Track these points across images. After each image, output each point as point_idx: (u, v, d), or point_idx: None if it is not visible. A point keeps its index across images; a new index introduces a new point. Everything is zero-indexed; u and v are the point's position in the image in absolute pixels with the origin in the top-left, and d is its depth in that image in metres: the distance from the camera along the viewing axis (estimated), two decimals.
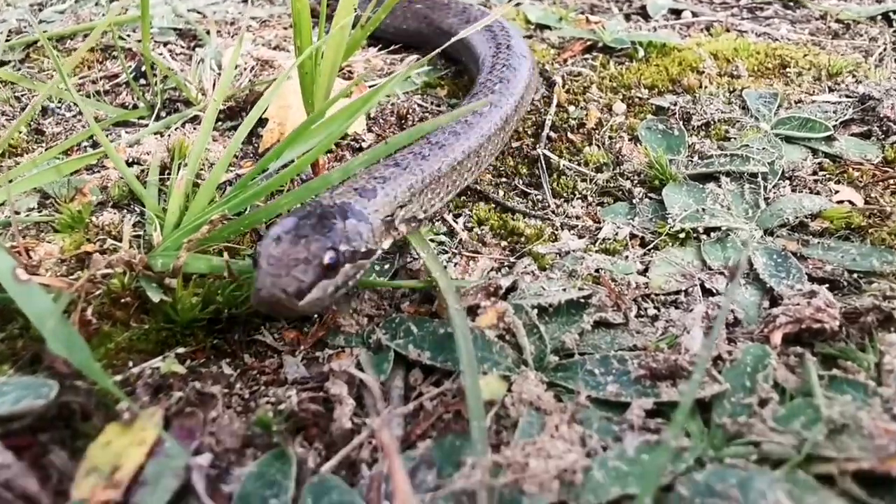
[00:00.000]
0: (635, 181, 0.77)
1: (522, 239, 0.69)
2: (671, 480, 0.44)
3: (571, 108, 0.92)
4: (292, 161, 0.70)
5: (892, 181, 0.75)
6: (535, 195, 0.77)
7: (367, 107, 0.68)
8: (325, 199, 0.60)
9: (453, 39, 0.74)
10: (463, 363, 0.48)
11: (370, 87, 1.00)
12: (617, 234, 0.69)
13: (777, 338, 0.55)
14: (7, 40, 1.21)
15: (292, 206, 0.62)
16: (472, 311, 0.57)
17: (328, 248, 0.53)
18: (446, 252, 0.68)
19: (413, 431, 0.50)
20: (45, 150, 0.87)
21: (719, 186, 0.74)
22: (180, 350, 0.56)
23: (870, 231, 0.67)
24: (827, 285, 0.60)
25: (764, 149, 0.79)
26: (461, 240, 0.70)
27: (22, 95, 1.04)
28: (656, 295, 0.62)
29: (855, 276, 0.62)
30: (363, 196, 0.61)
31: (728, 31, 1.21)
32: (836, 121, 0.85)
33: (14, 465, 0.44)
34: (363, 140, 0.88)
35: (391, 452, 0.33)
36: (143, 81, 1.06)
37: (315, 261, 0.53)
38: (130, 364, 0.55)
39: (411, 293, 0.62)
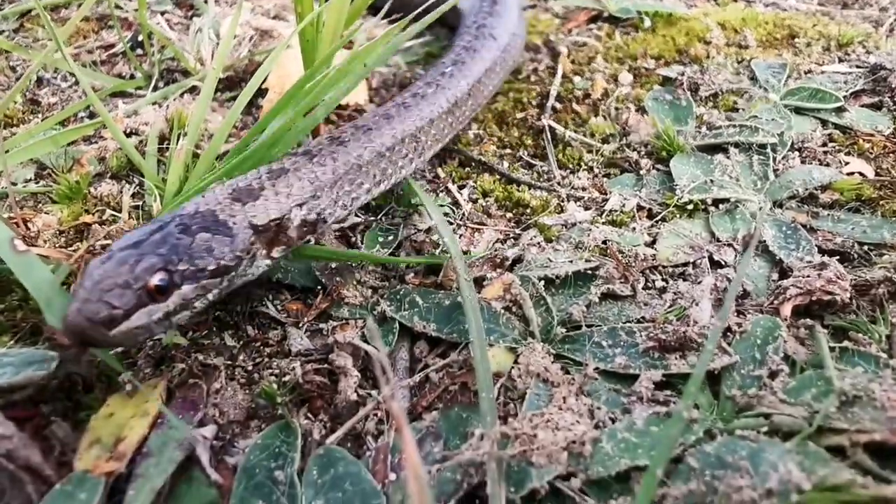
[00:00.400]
0: (642, 152, 0.76)
1: (528, 210, 0.68)
2: (681, 452, 0.44)
3: (577, 79, 0.90)
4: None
5: None
6: (541, 166, 0.76)
7: (367, 65, 0.66)
8: (197, 205, 0.53)
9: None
10: (472, 334, 0.47)
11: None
12: (624, 205, 0.68)
13: (787, 310, 0.54)
14: (0, 9, 1.19)
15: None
16: (478, 283, 0.57)
17: (158, 269, 0.47)
18: (451, 224, 0.67)
19: (419, 403, 0.49)
20: (42, 120, 0.86)
21: (728, 157, 0.73)
22: None
23: (880, 203, 0.66)
24: (837, 257, 0.59)
25: (773, 119, 0.78)
26: (465, 211, 0.69)
27: (17, 66, 1.02)
28: (664, 267, 0.61)
29: (865, 248, 0.61)
30: (238, 200, 0.53)
31: (736, 0, 1.19)
32: (847, 91, 0.84)
33: (16, 436, 0.43)
34: (365, 111, 0.87)
35: (401, 421, 0.32)
36: (140, 51, 1.04)
37: (137, 284, 0.46)
38: None
39: (416, 264, 0.61)
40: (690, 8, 1.15)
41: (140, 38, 1.04)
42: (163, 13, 1.18)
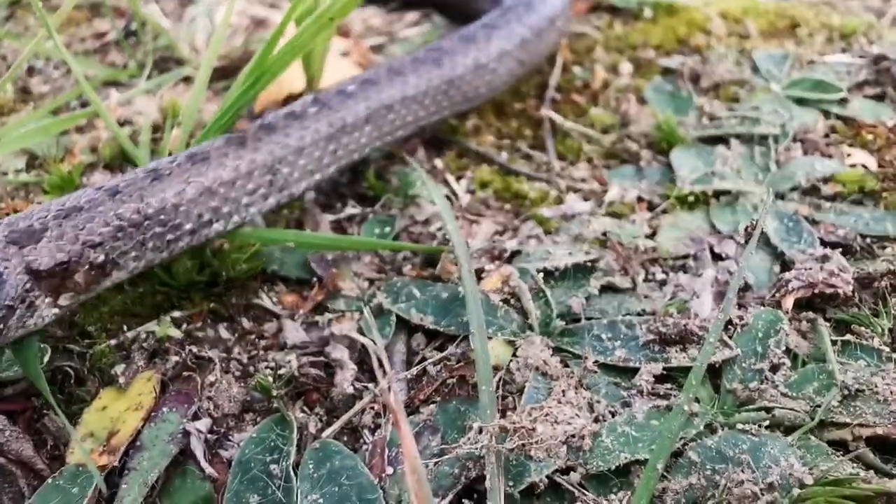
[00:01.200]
0: (642, 143, 0.75)
1: (527, 202, 0.68)
2: (681, 446, 0.43)
3: (576, 69, 0.89)
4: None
5: None
6: (540, 157, 0.75)
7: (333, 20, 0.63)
8: None
9: None
10: (472, 326, 0.47)
11: (369, 47, 0.98)
12: (624, 196, 0.68)
13: (789, 303, 0.54)
14: None
15: None
16: (477, 275, 0.56)
17: None
18: None
19: (416, 396, 0.49)
20: (33, 109, 0.85)
21: (729, 149, 0.72)
22: (176, 314, 0.54)
23: (883, 195, 0.66)
24: (840, 250, 0.58)
25: (774, 110, 0.77)
26: (463, 203, 0.68)
27: (7, 54, 1.01)
28: (664, 259, 0.61)
29: (868, 240, 0.61)
30: (15, 242, 0.47)
31: None
32: (849, 82, 0.83)
33: (8, 429, 0.43)
34: None
35: (398, 415, 0.31)
36: (133, 40, 1.03)
37: None
38: (125, 328, 0.53)
39: (413, 256, 0.61)
40: None
41: (133, 26, 1.02)
42: (157, 1, 1.17)
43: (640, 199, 0.67)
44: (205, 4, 1.08)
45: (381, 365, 0.48)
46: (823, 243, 0.60)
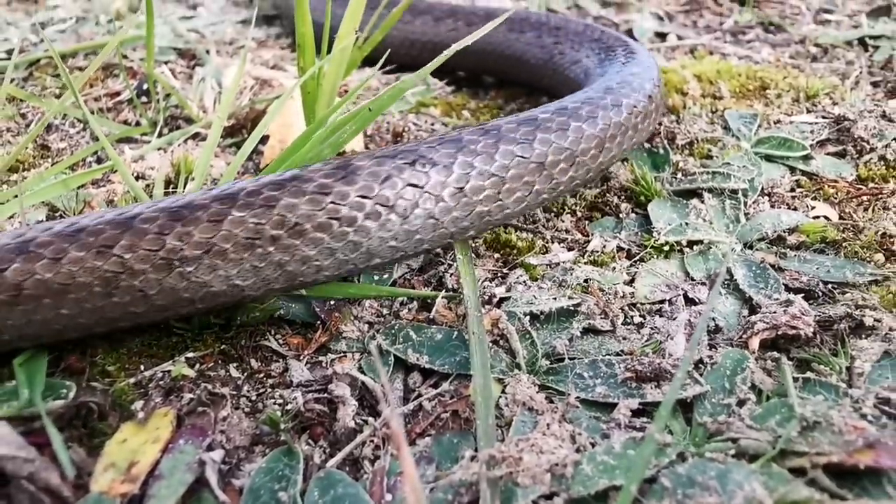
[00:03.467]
0: (622, 197, 0.81)
1: (515, 251, 0.73)
2: (655, 473, 0.47)
3: None
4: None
5: (865, 198, 0.79)
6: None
7: (373, 110, 0.70)
8: None
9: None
10: (475, 366, 0.52)
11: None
12: (605, 246, 0.73)
13: (755, 343, 0.59)
14: (8, 57, 1.24)
15: None
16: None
17: None
18: (441, 263, 0.71)
19: (413, 430, 0.53)
20: (52, 164, 0.90)
21: (702, 202, 0.78)
22: (190, 354, 0.59)
23: (844, 245, 0.71)
24: (802, 295, 0.63)
25: (744, 166, 0.83)
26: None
27: (26, 112, 1.06)
28: (642, 304, 0.65)
29: (829, 286, 0.66)
30: None
31: (711, 53, 1.25)
32: (813, 140, 0.89)
33: (37, 459, 0.46)
34: None
35: (399, 439, 0.35)
36: (144, 99, 1.09)
37: None
38: (143, 368, 0.57)
39: (409, 301, 0.65)
40: (669, 60, 1.22)
41: (146, 86, 1.09)
42: (166, 62, 1.24)
43: (619, 249, 0.73)
44: (212, 66, 1.15)
45: (384, 395, 0.53)
46: (788, 289, 0.65)
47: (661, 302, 0.66)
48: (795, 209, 0.77)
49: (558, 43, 1.00)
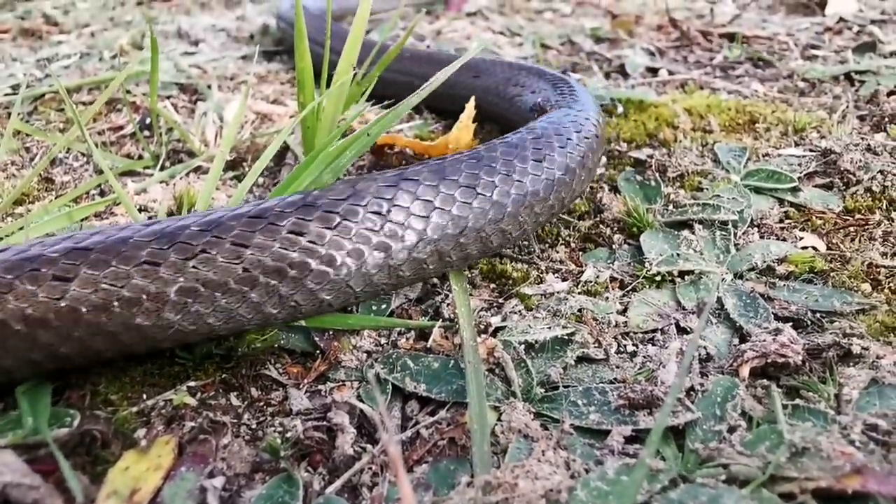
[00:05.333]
0: (615, 228, 0.83)
1: (510, 281, 0.74)
2: (648, 498, 0.48)
3: None
4: None
5: (852, 229, 0.81)
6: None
7: (371, 135, 0.72)
8: None
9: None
10: (471, 394, 0.53)
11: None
12: (598, 276, 0.74)
13: (745, 371, 0.60)
14: (14, 93, 1.26)
15: None
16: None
17: None
18: (438, 293, 0.72)
19: (410, 457, 0.54)
20: (56, 197, 0.92)
21: (693, 233, 0.79)
22: (191, 383, 0.60)
23: (831, 274, 0.73)
24: (791, 324, 0.65)
25: (734, 198, 0.85)
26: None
27: (30, 146, 1.08)
28: (634, 333, 0.67)
29: (818, 315, 0.67)
30: None
31: (702, 88, 1.29)
32: (801, 173, 0.91)
33: (42, 486, 0.47)
34: None
35: (397, 466, 0.37)
36: (147, 133, 1.11)
37: None
38: (145, 396, 0.58)
39: (407, 331, 0.67)
40: (660, 95, 1.24)
41: (149, 120, 1.11)
42: (168, 97, 1.27)
43: (612, 279, 0.74)
44: (214, 101, 1.17)
45: (382, 422, 0.54)
46: (777, 318, 0.67)
47: (654, 331, 0.67)
48: (784, 240, 0.79)
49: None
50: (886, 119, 1.07)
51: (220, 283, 0.56)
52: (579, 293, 0.72)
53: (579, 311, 0.68)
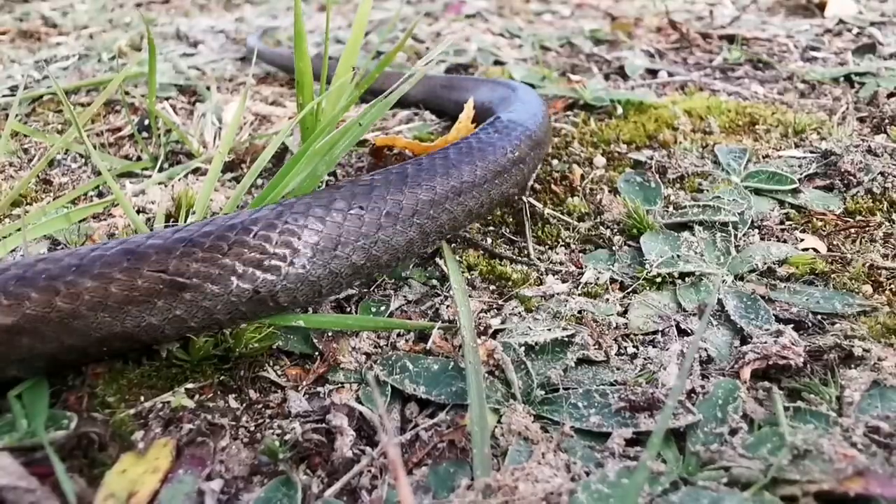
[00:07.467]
0: (615, 230, 0.82)
1: (510, 283, 0.74)
2: (648, 501, 0.48)
3: (555, 162, 0.97)
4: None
5: (852, 230, 0.80)
6: (521, 243, 0.82)
7: (362, 124, 0.72)
8: None
9: None
10: (471, 395, 0.52)
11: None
12: (598, 278, 0.74)
13: (746, 373, 0.60)
14: (12, 95, 1.26)
15: None
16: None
17: None
18: (438, 295, 0.72)
19: (409, 460, 0.54)
20: (54, 199, 0.91)
21: (693, 235, 0.79)
22: (189, 386, 0.59)
23: (832, 276, 0.72)
24: (793, 326, 0.64)
25: (734, 200, 0.85)
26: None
27: (28, 147, 1.08)
28: (635, 335, 0.66)
29: (819, 317, 0.67)
30: None
31: (701, 90, 1.28)
32: (801, 174, 0.91)
33: (38, 489, 0.47)
34: None
35: (397, 468, 0.36)
36: (145, 134, 1.11)
37: None
38: (142, 398, 0.58)
39: (406, 332, 0.66)
40: (660, 97, 1.24)
41: (147, 122, 1.11)
42: (167, 98, 1.26)
43: (612, 281, 0.74)
44: (212, 102, 1.17)
45: (382, 428, 0.53)
46: (778, 320, 0.66)
47: (654, 333, 0.67)
48: (785, 241, 0.79)
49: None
50: (886, 121, 1.06)
51: None
52: (579, 295, 0.71)
53: (579, 312, 0.68)
